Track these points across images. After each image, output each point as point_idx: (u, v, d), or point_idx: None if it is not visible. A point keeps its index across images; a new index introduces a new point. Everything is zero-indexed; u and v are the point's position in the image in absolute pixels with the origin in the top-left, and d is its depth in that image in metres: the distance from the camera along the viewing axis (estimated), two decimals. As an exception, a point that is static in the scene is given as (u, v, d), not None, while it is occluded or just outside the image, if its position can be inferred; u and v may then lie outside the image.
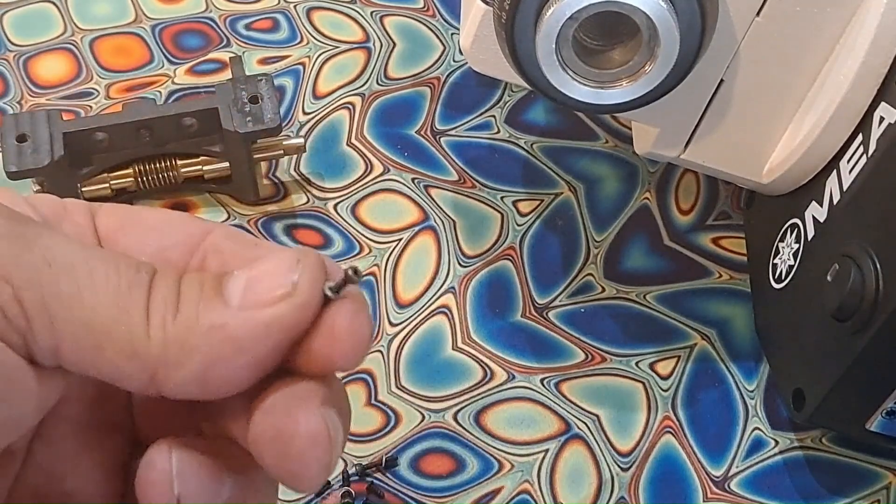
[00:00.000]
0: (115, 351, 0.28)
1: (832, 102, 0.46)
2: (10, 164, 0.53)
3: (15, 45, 0.63)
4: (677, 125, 0.49)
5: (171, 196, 0.58)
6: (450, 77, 0.62)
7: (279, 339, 0.29)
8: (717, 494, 0.50)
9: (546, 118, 0.61)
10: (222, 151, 0.56)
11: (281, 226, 0.57)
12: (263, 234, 0.57)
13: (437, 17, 0.65)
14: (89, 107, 0.60)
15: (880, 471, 0.51)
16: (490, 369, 0.53)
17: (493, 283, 0.55)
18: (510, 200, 0.58)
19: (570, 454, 0.51)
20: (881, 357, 0.44)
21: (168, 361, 0.28)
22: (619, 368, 0.53)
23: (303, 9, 0.65)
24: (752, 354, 0.54)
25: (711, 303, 0.55)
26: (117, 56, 0.63)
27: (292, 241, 0.56)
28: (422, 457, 0.51)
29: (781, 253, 0.50)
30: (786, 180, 0.49)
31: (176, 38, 0.64)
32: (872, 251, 0.44)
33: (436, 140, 0.60)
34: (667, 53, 0.42)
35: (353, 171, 0.59)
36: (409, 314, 0.54)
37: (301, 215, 0.57)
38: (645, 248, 0.57)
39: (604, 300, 0.55)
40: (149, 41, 0.63)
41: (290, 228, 0.57)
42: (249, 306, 0.28)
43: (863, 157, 0.45)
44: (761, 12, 0.45)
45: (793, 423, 0.52)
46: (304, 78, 0.62)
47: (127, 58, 0.63)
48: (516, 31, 0.42)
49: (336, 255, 0.56)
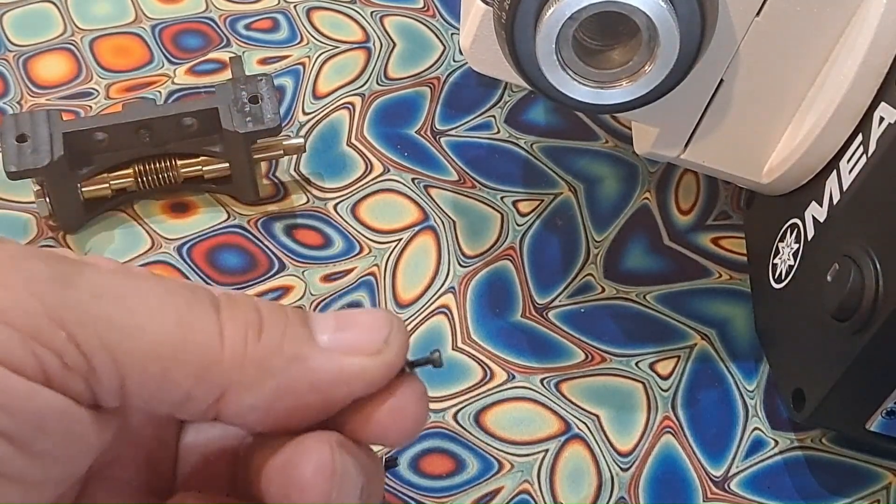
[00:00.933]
0: (184, 374, 0.27)
1: (832, 102, 0.46)
2: (9, 164, 0.53)
3: (15, 45, 0.63)
4: (677, 125, 0.49)
5: (171, 196, 0.57)
6: (450, 77, 0.62)
7: (353, 391, 0.28)
8: (717, 494, 0.50)
9: (546, 118, 0.61)
10: (222, 151, 0.56)
11: (281, 226, 0.57)
12: (263, 234, 0.57)
13: (437, 17, 0.65)
14: (89, 107, 0.60)
15: (880, 471, 0.51)
16: (490, 369, 0.53)
17: (493, 283, 0.55)
18: (510, 200, 0.58)
19: (570, 454, 0.51)
20: (881, 357, 0.44)
21: (241, 382, 0.27)
22: (619, 368, 0.53)
23: (303, 9, 0.65)
24: (752, 354, 0.54)
25: (711, 303, 0.55)
26: (117, 56, 0.63)
27: (292, 241, 0.56)
28: (421, 457, 0.51)
29: (781, 253, 0.50)
30: (786, 180, 0.49)
31: (176, 38, 0.64)
32: (872, 251, 0.44)
33: (436, 140, 0.60)
34: (667, 53, 0.42)
35: (353, 171, 0.59)
36: (409, 314, 0.54)
37: (301, 215, 0.57)
38: (645, 248, 0.57)
39: (604, 300, 0.55)
40: (149, 41, 0.63)
41: (290, 228, 0.57)
42: (337, 349, 0.28)
43: (863, 157, 0.45)
44: (761, 12, 0.45)
45: (793, 423, 0.52)
46: (304, 78, 0.62)
47: (127, 58, 0.63)
48: (516, 31, 0.42)
49: (336, 254, 0.56)
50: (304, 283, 0.55)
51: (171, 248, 0.56)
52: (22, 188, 0.56)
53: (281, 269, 0.56)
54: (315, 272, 0.56)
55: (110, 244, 0.56)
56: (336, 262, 0.56)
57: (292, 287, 0.55)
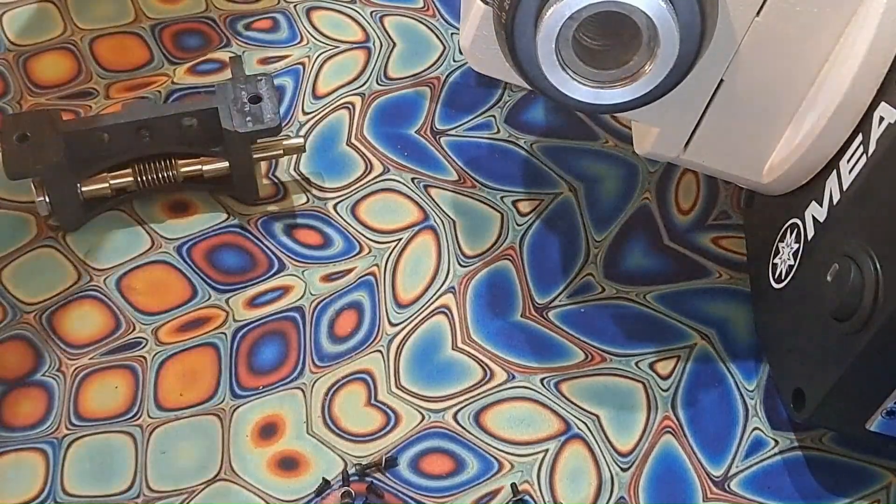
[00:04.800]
0: None
1: (832, 102, 0.46)
2: (10, 164, 0.53)
3: (15, 45, 0.63)
4: (677, 125, 0.49)
5: (170, 196, 0.58)
6: (450, 77, 0.62)
7: None
8: (717, 494, 0.50)
9: (546, 118, 0.61)
10: (222, 151, 0.56)
11: (281, 225, 0.57)
12: (263, 234, 0.57)
13: (437, 17, 0.65)
14: (89, 107, 0.60)
15: (880, 471, 0.51)
16: (490, 369, 0.53)
17: (493, 283, 0.55)
18: (510, 200, 0.58)
19: (569, 454, 0.51)
20: (881, 357, 0.44)
21: None
22: (619, 368, 0.53)
23: (303, 9, 0.65)
24: (752, 354, 0.54)
25: (711, 303, 0.55)
26: (117, 56, 0.63)
27: (292, 241, 0.56)
28: (421, 457, 0.51)
29: (781, 253, 0.50)
30: (786, 180, 0.49)
31: (176, 37, 0.64)
32: (872, 251, 0.44)
33: (436, 140, 0.60)
34: (667, 53, 0.42)
35: (352, 170, 0.59)
36: (409, 314, 0.54)
37: (301, 215, 0.57)
38: (645, 247, 0.57)
39: (604, 300, 0.55)
40: (149, 41, 0.63)
41: (289, 228, 0.57)
42: None
43: (863, 157, 0.45)
44: (761, 12, 0.45)
45: (793, 423, 0.52)
46: (303, 78, 0.62)
47: (127, 58, 0.63)
48: (516, 31, 0.42)
49: (336, 254, 0.56)
50: (304, 283, 0.55)
51: (171, 248, 0.56)
52: (22, 188, 0.56)
53: (281, 269, 0.56)
54: (315, 272, 0.56)
55: (110, 244, 0.56)
56: (336, 262, 0.56)
57: (292, 287, 0.55)
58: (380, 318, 0.54)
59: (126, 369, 0.52)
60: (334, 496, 0.49)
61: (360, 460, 0.50)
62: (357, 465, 0.50)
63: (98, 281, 0.55)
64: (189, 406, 0.52)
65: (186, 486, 0.49)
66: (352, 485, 0.50)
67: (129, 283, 0.55)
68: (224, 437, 0.51)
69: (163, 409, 0.51)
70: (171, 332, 0.53)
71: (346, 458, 0.50)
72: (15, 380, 0.52)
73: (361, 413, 0.52)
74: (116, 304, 0.54)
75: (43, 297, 0.54)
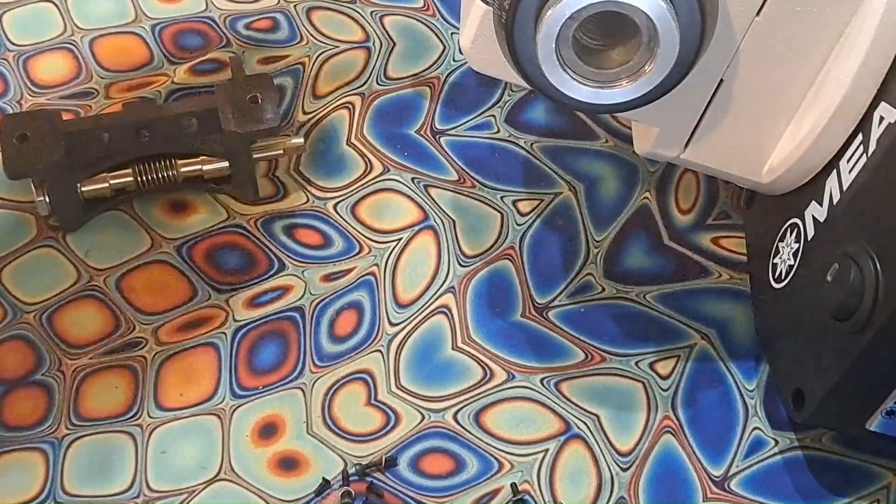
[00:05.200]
0: None
1: (832, 102, 0.46)
2: (10, 164, 0.53)
3: (15, 45, 0.63)
4: (677, 125, 0.49)
5: (170, 196, 0.58)
6: (450, 77, 0.62)
7: None
8: (717, 494, 0.50)
9: (546, 118, 0.61)
10: (222, 151, 0.56)
11: (281, 225, 0.57)
12: (263, 234, 0.57)
13: (437, 16, 0.65)
14: (89, 107, 0.60)
15: (880, 471, 0.51)
16: (490, 369, 0.53)
17: (493, 282, 0.55)
18: (510, 200, 0.58)
19: (569, 454, 0.51)
20: (881, 357, 0.44)
21: None
22: (618, 368, 0.53)
23: (302, 8, 0.65)
24: (752, 354, 0.54)
25: (711, 303, 0.55)
26: (117, 56, 0.63)
27: (292, 241, 0.56)
28: (421, 456, 0.51)
29: (781, 253, 0.50)
30: (786, 180, 0.49)
31: (176, 37, 0.64)
32: (872, 251, 0.44)
33: (436, 140, 0.60)
34: (667, 53, 0.42)
35: (352, 170, 0.59)
36: (409, 314, 0.54)
37: (301, 215, 0.57)
38: (645, 247, 0.57)
39: (604, 300, 0.55)
40: (149, 41, 0.63)
41: (289, 228, 0.57)
42: None
43: (863, 156, 0.45)
44: (761, 12, 0.45)
45: (793, 423, 0.52)
46: (303, 78, 0.62)
47: (127, 57, 0.63)
48: (516, 31, 0.42)
49: (336, 254, 0.56)
50: (304, 283, 0.55)
51: (171, 248, 0.56)
52: (22, 188, 0.56)
53: (281, 269, 0.56)
54: (315, 272, 0.56)
55: (110, 244, 0.56)
56: (336, 262, 0.56)
57: (292, 287, 0.55)
58: (380, 317, 0.54)
59: (126, 369, 0.52)
60: (334, 496, 0.49)
61: (360, 460, 0.50)
62: (357, 465, 0.50)
63: (98, 281, 0.55)
64: (189, 406, 0.52)
65: (186, 485, 0.50)
66: (352, 485, 0.50)
67: (129, 283, 0.55)
68: (224, 436, 0.51)
69: (163, 408, 0.51)
70: (171, 332, 0.53)
71: (346, 458, 0.50)
72: (15, 380, 0.52)
73: (361, 413, 0.52)
74: (116, 303, 0.54)
75: (43, 296, 0.54)
